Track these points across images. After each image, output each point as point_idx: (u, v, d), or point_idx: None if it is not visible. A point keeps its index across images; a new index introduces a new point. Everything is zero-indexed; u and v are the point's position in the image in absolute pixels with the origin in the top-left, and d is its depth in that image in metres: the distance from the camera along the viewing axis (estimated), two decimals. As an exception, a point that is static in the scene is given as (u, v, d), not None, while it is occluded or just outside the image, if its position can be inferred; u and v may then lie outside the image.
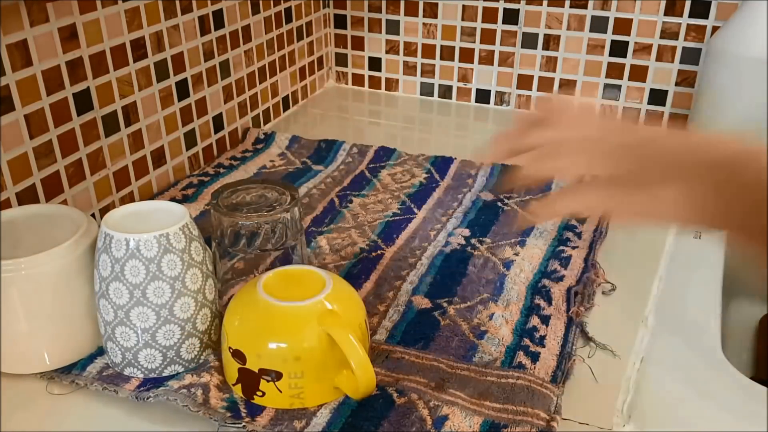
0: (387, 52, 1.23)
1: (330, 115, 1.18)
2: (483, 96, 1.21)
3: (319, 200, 0.89)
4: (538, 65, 1.15)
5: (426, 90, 1.24)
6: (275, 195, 0.69)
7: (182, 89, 0.92)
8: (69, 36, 0.73)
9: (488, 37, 1.16)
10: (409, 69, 1.23)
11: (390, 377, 0.60)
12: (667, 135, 0.53)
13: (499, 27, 1.15)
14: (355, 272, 0.75)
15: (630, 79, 1.11)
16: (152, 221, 0.59)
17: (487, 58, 1.18)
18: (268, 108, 1.13)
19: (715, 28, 1.03)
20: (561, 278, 0.73)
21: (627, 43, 1.09)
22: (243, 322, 0.57)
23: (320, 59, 1.25)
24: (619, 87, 1.12)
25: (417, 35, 1.20)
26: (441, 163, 0.98)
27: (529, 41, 1.14)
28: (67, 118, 0.75)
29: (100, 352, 0.62)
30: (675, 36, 1.06)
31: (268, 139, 1.04)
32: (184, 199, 0.88)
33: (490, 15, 1.14)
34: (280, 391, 0.56)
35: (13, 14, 0.67)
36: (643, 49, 1.08)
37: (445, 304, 0.69)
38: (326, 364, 0.56)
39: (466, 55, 1.19)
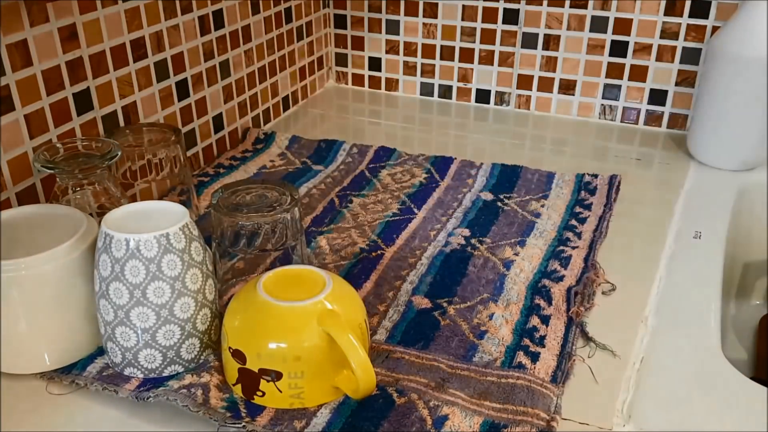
0: (387, 52, 1.23)
1: (330, 115, 1.18)
2: (483, 96, 1.21)
3: (319, 200, 0.89)
4: (538, 65, 1.15)
5: (426, 90, 1.24)
6: (275, 195, 0.69)
7: (182, 89, 0.92)
8: (69, 36, 0.73)
9: (488, 37, 1.16)
10: (409, 69, 1.23)
11: (390, 377, 0.60)
12: None
13: (499, 27, 1.15)
14: (355, 272, 0.75)
15: (630, 79, 1.11)
16: (152, 221, 0.59)
17: (487, 58, 1.18)
18: (268, 108, 1.13)
19: (715, 28, 1.03)
20: (561, 278, 0.73)
21: (627, 43, 1.09)
22: (243, 322, 0.57)
23: (320, 59, 1.25)
24: (619, 87, 1.12)
25: (417, 35, 1.20)
26: (441, 163, 0.98)
27: (529, 41, 1.14)
28: (67, 118, 0.75)
29: (100, 352, 0.62)
30: (675, 36, 1.06)
31: (268, 139, 1.04)
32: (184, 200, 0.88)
33: (490, 15, 1.14)
34: (280, 391, 0.56)
35: (13, 14, 0.67)
36: (643, 49, 1.08)
37: (445, 304, 0.69)
38: (326, 364, 0.56)
39: (466, 55, 1.19)
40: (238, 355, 0.56)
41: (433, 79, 1.23)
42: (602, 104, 1.14)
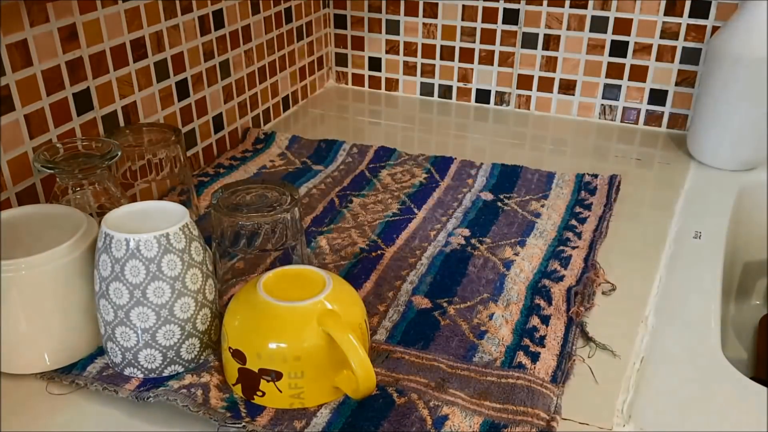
0: (387, 52, 1.23)
1: (330, 115, 1.18)
2: (483, 96, 1.21)
3: (319, 200, 0.89)
4: (538, 65, 1.15)
5: (426, 90, 1.24)
6: (275, 195, 0.69)
7: (182, 89, 0.92)
8: (69, 36, 0.73)
9: (488, 37, 1.16)
10: (409, 69, 1.23)
11: (390, 377, 0.60)
12: None
13: (499, 27, 1.15)
14: (355, 272, 0.75)
15: (630, 79, 1.11)
16: (152, 221, 0.59)
17: (487, 58, 1.18)
18: (268, 108, 1.13)
19: (715, 28, 1.03)
20: (561, 278, 0.73)
21: (627, 43, 1.09)
22: (243, 322, 0.57)
23: (320, 59, 1.25)
24: (619, 87, 1.12)
25: (417, 35, 1.20)
26: (441, 163, 0.98)
27: (529, 41, 1.14)
28: (67, 118, 0.75)
29: (100, 352, 0.62)
30: (675, 36, 1.06)
31: (268, 139, 1.04)
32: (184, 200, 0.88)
33: (490, 15, 1.14)
34: (280, 391, 0.56)
35: (13, 14, 0.67)
36: (643, 49, 1.08)
37: (445, 304, 0.69)
38: (326, 364, 0.56)
39: (466, 55, 1.19)
40: (238, 355, 0.56)
41: (433, 79, 1.23)
42: (602, 104, 1.14)
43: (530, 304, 0.69)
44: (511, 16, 1.13)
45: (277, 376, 0.55)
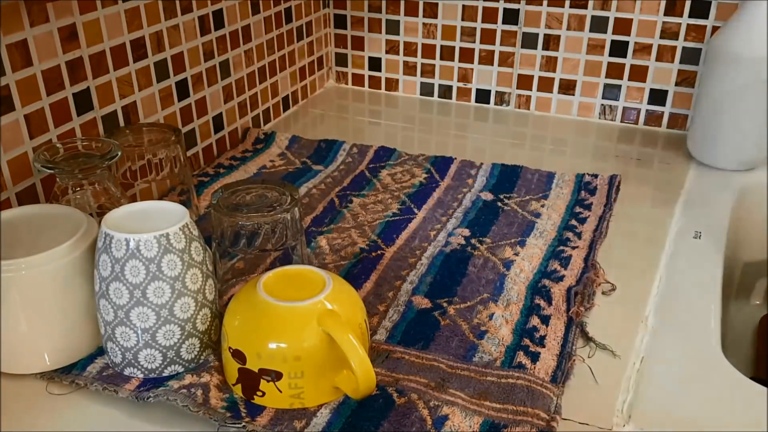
0: (387, 52, 1.23)
1: (330, 115, 1.18)
2: (483, 96, 1.21)
3: (319, 200, 0.89)
4: (538, 65, 1.15)
5: (426, 90, 1.24)
6: (275, 195, 0.69)
7: (182, 89, 0.92)
8: (69, 36, 0.74)
9: (488, 37, 1.16)
10: (409, 69, 1.23)
11: (390, 377, 0.60)
12: None
13: (499, 27, 1.15)
14: (355, 272, 0.75)
15: (630, 79, 1.11)
16: (152, 221, 0.59)
17: (487, 58, 1.18)
18: (268, 108, 1.13)
19: (715, 28, 1.03)
20: (561, 278, 0.73)
21: (627, 43, 1.09)
22: (243, 322, 0.57)
23: (320, 59, 1.25)
24: (619, 87, 1.12)
25: (417, 35, 1.20)
26: (441, 163, 0.98)
27: (529, 41, 1.14)
28: (67, 118, 0.75)
29: (100, 352, 0.62)
30: (675, 36, 1.06)
31: (268, 139, 1.04)
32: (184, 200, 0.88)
33: (490, 15, 1.14)
34: (280, 391, 0.56)
35: (13, 14, 0.67)
36: (643, 49, 1.08)
37: (445, 304, 0.69)
38: (326, 364, 0.56)
39: (466, 55, 1.19)
40: (238, 355, 0.56)
41: (433, 79, 1.23)
42: (602, 104, 1.14)
43: (530, 304, 0.69)
44: (511, 16, 1.13)
45: (277, 376, 0.55)
